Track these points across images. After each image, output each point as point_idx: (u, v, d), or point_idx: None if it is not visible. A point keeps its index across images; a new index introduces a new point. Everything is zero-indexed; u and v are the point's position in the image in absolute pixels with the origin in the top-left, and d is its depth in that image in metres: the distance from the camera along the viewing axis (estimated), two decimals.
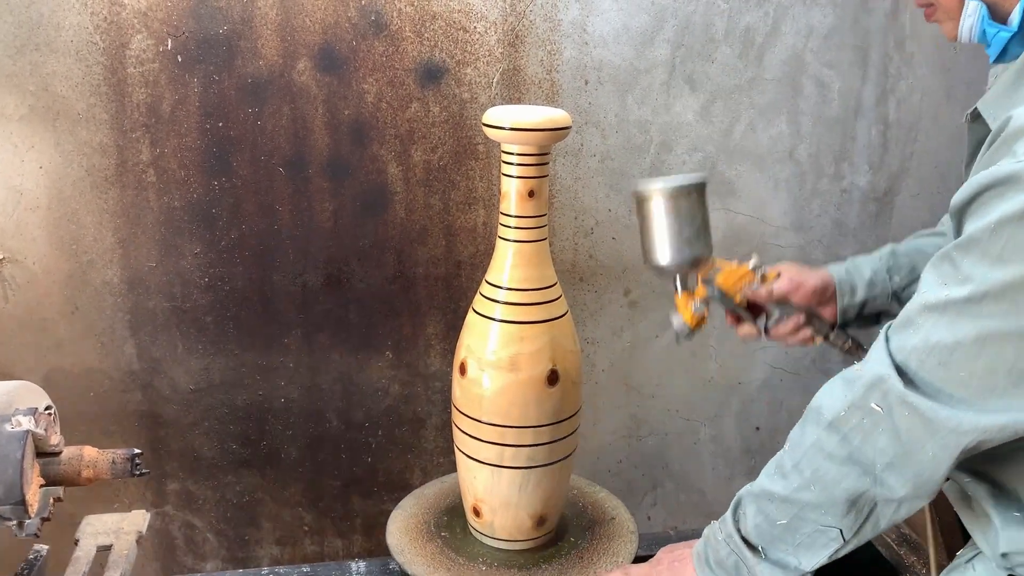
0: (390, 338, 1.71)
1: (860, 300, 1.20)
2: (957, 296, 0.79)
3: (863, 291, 1.20)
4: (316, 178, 1.59)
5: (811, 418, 0.92)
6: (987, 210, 0.77)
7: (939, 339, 0.80)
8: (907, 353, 0.83)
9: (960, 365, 0.79)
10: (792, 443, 0.94)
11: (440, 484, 1.41)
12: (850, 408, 0.87)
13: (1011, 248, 0.75)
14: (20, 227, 1.53)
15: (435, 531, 1.27)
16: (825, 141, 1.79)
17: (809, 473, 0.90)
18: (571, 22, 1.61)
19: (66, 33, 1.45)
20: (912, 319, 0.83)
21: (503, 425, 1.15)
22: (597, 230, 1.75)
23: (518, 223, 1.14)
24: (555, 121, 1.10)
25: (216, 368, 1.66)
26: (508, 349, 1.14)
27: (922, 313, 0.82)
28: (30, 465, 0.95)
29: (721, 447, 1.97)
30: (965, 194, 0.79)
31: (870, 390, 0.85)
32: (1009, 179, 0.75)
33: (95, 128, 1.50)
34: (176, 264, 1.59)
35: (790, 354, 1.94)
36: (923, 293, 0.83)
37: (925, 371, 0.82)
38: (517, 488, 1.18)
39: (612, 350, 1.84)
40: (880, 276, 1.20)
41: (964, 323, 0.79)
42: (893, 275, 1.20)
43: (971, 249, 0.78)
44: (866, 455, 0.86)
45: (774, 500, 0.93)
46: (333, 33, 1.53)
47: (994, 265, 0.76)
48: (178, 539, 1.76)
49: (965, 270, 0.79)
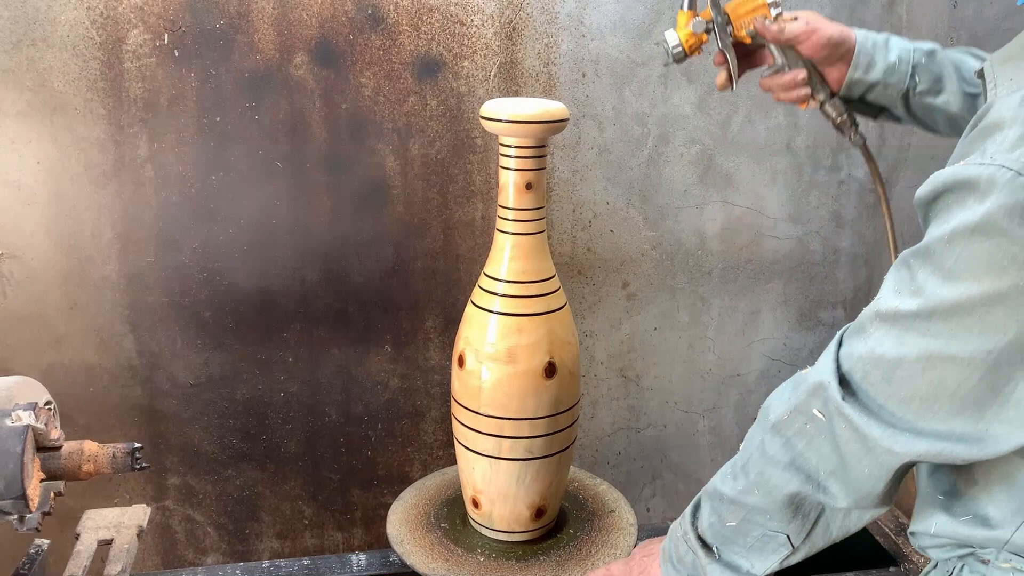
0: (389, 332, 1.72)
1: (872, 80, 1.09)
2: (907, 309, 0.74)
3: (880, 72, 1.09)
4: (314, 172, 1.59)
5: (760, 418, 0.89)
6: (947, 215, 0.71)
7: (885, 352, 0.76)
8: (853, 362, 0.79)
9: (903, 383, 0.75)
10: (744, 443, 0.92)
11: (441, 476, 1.41)
12: (793, 412, 0.84)
13: (962, 264, 0.69)
14: (18, 223, 1.53)
15: (435, 522, 1.28)
16: (822, 133, 1.79)
17: (754, 476, 0.88)
18: (568, 15, 1.61)
19: (63, 28, 1.45)
20: (864, 326, 0.79)
21: (501, 417, 1.16)
22: (595, 223, 1.75)
23: (516, 216, 1.14)
24: (552, 113, 1.10)
25: (215, 363, 1.67)
26: (506, 341, 1.14)
27: (873, 321, 0.78)
28: (31, 460, 0.95)
29: (719, 438, 1.98)
30: (928, 190, 0.74)
31: (812, 395, 0.82)
32: (971, 184, 0.69)
33: (92, 123, 1.50)
34: (175, 259, 1.59)
35: (788, 345, 1.94)
36: (879, 299, 0.78)
37: (868, 384, 0.78)
38: (515, 480, 1.19)
39: (610, 342, 1.85)
40: (904, 67, 1.08)
41: (910, 339, 0.74)
42: (917, 74, 1.08)
43: (926, 259, 0.73)
44: (809, 461, 0.83)
45: (724, 501, 0.92)
46: (330, 27, 1.53)
47: (945, 281, 0.71)
48: (178, 533, 1.77)
49: (919, 281, 0.73)
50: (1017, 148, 0.67)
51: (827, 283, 1.91)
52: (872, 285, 1.94)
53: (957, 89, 1.08)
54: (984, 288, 0.69)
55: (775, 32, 1.09)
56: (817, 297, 1.92)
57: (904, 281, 0.75)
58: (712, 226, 1.81)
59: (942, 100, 1.09)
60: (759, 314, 1.90)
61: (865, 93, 1.11)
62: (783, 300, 1.91)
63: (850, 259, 1.90)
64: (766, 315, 1.91)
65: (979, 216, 0.67)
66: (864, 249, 1.90)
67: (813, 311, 1.93)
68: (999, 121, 0.70)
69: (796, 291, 1.90)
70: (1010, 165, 0.66)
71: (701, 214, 1.79)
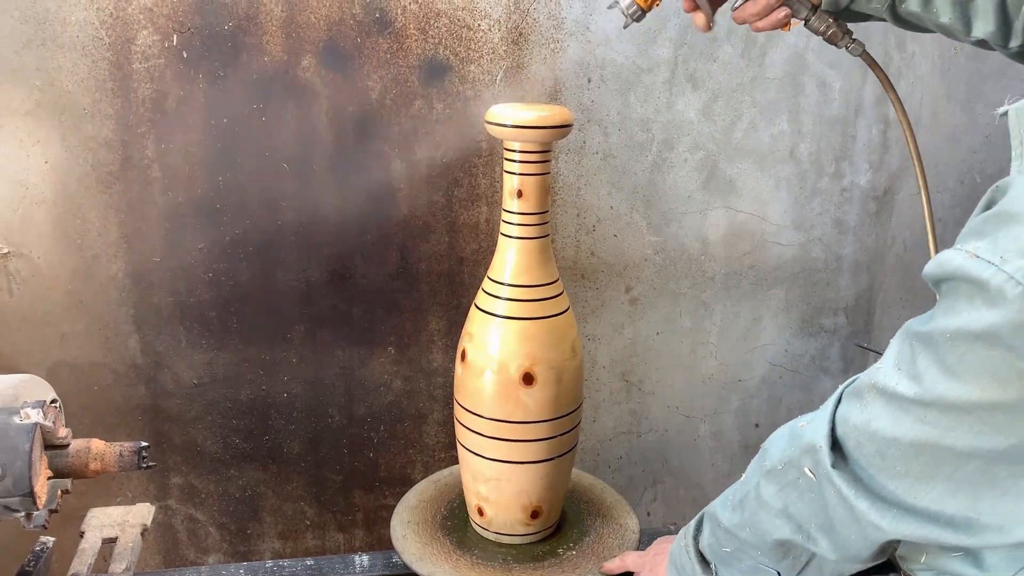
0: (392, 334, 1.72)
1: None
2: (905, 392, 0.71)
3: None
4: (320, 174, 1.60)
5: (759, 458, 0.89)
6: (954, 304, 0.68)
7: (880, 428, 0.74)
8: (848, 428, 0.77)
9: (896, 460, 0.73)
10: (745, 475, 0.91)
11: (447, 475, 1.42)
12: (787, 464, 0.83)
13: (964, 366, 0.67)
14: (25, 221, 1.53)
15: (437, 523, 1.29)
16: (826, 140, 1.80)
17: (748, 514, 0.88)
18: (574, 20, 1.62)
19: (72, 28, 1.46)
20: (862, 392, 0.76)
21: (502, 420, 1.16)
22: (599, 227, 1.76)
23: (520, 220, 1.15)
24: (557, 119, 1.10)
25: (219, 363, 1.67)
26: (508, 345, 1.15)
27: (871, 391, 0.75)
28: (38, 457, 0.96)
29: (721, 443, 1.98)
30: (937, 272, 0.70)
31: (805, 454, 0.80)
32: (980, 285, 0.65)
33: (100, 123, 1.51)
34: (180, 259, 1.60)
35: (789, 351, 1.95)
36: (879, 368, 0.75)
37: (861, 455, 0.76)
38: (516, 483, 1.19)
39: (613, 347, 1.85)
40: None
41: (906, 422, 0.71)
42: None
43: (928, 346, 0.70)
44: (800, 512, 0.83)
45: (721, 528, 0.92)
46: (338, 30, 1.54)
47: (945, 376, 0.68)
48: (180, 532, 1.77)
49: (919, 366, 0.70)
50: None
51: (829, 290, 1.92)
52: (873, 292, 1.95)
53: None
54: (986, 395, 0.66)
55: None
56: (819, 304, 1.92)
57: (905, 359, 0.72)
58: (715, 232, 1.82)
59: (932, 11, 1.04)
60: (761, 320, 1.91)
61: (849, 5, 1.06)
62: (785, 306, 1.91)
63: (852, 266, 1.91)
64: (768, 321, 1.92)
65: (985, 325, 0.65)
66: (866, 256, 1.91)
67: (815, 318, 1.94)
68: (1016, 213, 0.65)
69: (798, 297, 1.91)
70: (1020, 279, 0.63)
71: (704, 220, 1.80)
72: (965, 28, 1.03)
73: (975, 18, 1.02)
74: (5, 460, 0.92)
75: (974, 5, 1.01)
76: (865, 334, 1.99)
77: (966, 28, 1.03)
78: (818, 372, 1.99)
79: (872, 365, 0.78)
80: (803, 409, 2.01)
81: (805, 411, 1.85)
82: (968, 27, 1.03)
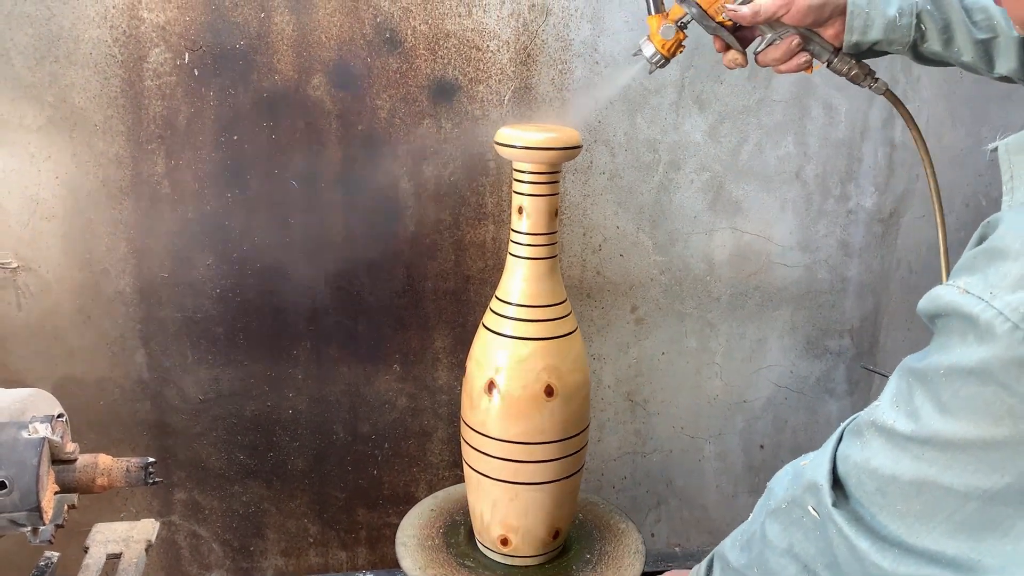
0: (398, 351, 1.73)
1: (873, 39, 1.04)
2: (902, 430, 0.71)
3: (879, 31, 1.03)
4: (328, 192, 1.61)
5: (764, 497, 0.89)
6: (947, 340, 0.68)
7: (879, 465, 0.73)
8: (849, 467, 0.77)
9: (897, 498, 0.72)
10: (752, 515, 0.91)
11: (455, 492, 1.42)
12: (791, 503, 0.83)
13: (958, 403, 0.66)
14: (35, 236, 1.54)
15: (443, 539, 1.29)
16: (832, 162, 1.81)
17: (755, 554, 0.88)
18: (583, 42, 1.63)
19: (85, 45, 1.47)
20: (862, 431, 0.76)
21: (508, 440, 1.16)
22: (605, 247, 1.76)
23: (529, 240, 1.15)
24: (566, 140, 1.11)
25: (225, 379, 1.68)
26: (516, 365, 1.15)
27: (871, 428, 0.75)
28: (46, 472, 0.96)
29: (725, 464, 1.98)
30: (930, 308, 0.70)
31: (807, 492, 0.80)
32: (971, 320, 0.65)
33: (111, 139, 1.52)
34: (188, 275, 1.61)
35: (795, 373, 1.95)
36: (878, 406, 0.75)
37: (862, 493, 0.75)
38: (520, 503, 1.19)
39: (618, 366, 1.85)
40: (906, 20, 1.02)
41: (905, 460, 0.71)
42: (923, 23, 1.02)
43: (923, 383, 0.70)
44: (806, 552, 0.82)
45: (730, 568, 0.92)
46: (348, 49, 1.55)
47: (940, 414, 0.68)
48: (183, 548, 1.77)
49: (915, 403, 0.70)
50: (1018, 290, 0.63)
51: (834, 311, 1.92)
52: (879, 314, 1.95)
53: (968, 38, 1.03)
54: (981, 432, 0.65)
55: (749, 16, 1.03)
56: (824, 325, 1.92)
57: (903, 396, 0.72)
58: (721, 252, 1.82)
59: (953, 51, 1.04)
60: (766, 341, 1.91)
61: (870, 48, 1.06)
62: (791, 328, 1.91)
63: (857, 288, 1.91)
64: (773, 342, 1.92)
65: (976, 361, 0.65)
66: (871, 278, 1.91)
67: (820, 339, 1.94)
68: (1005, 249, 0.65)
69: (804, 319, 1.91)
70: (1009, 314, 0.63)
71: (710, 240, 1.81)
72: (988, 66, 1.05)
73: (998, 56, 1.04)
74: (13, 474, 0.93)
75: (996, 43, 1.02)
76: (870, 356, 1.99)
77: (988, 66, 1.05)
78: (823, 394, 1.99)
79: (872, 403, 0.77)
80: (808, 430, 2.02)
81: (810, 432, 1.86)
82: (991, 65, 1.04)
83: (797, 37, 1.05)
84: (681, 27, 1.06)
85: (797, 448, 1.97)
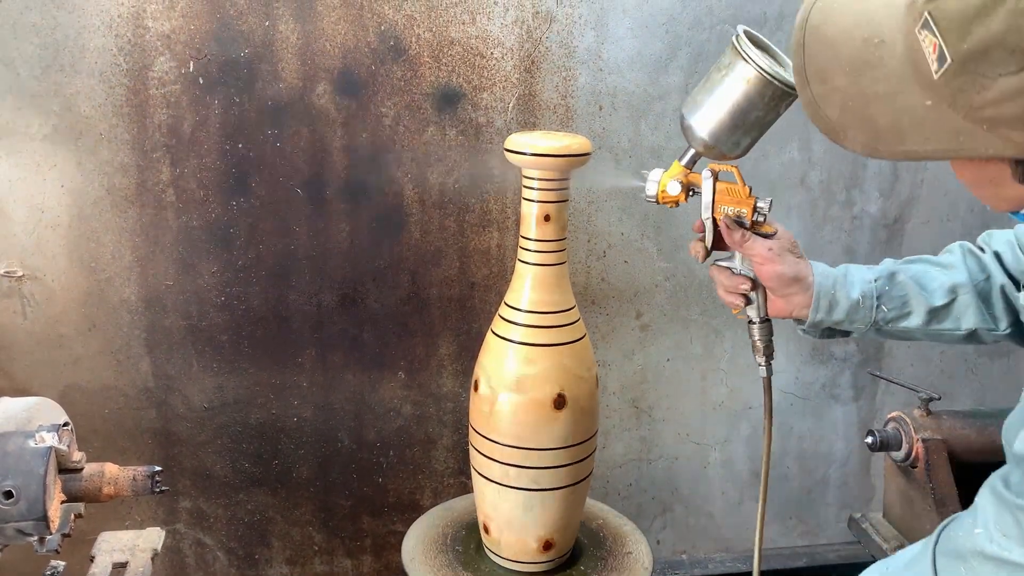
0: (403, 358, 1.72)
1: (836, 319, 1.11)
2: (1017, 560, 0.73)
3: (843, 312, 1.11)
4: (333, 199, 1.61)
5: None
6: None
7: None
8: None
9: None
10: None
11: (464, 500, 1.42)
12: None
13: None
14: (41, 244, 1.54)
15: (449, 544, 1.29)
16: (836, 168, 1.81)
17: None
18: (586, 49, 1.63)
19: (90, 55, 1.47)
20: (966, 558, 0.78)
21: (512, 445, 1.16)
22: (610, 253, 1.76)
23: (538, 247, 1.15)
24: (576, 148, 1.12)
25: (230, 387, 1.67)
26: (523, 371, 1.15)
27: (977, 557, 0.77)
28: (53, 481, 0.96)
29: (731, 471, 1.97)
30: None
31: None
32: None
33: (116, 148, 1.52)
34: (193, 283, 1.61)
35: (800, 379, 1.94)
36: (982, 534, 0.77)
37: None
38: (522, 509, 1.19)
39: (623, 373, 1.85)
40: (868, 302, 1.11)
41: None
42: (883, 304, 1.11)
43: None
44: None
45: None
46: (352, 58, 1.55)
47: None
48: (189, 557, 1.76)
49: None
50: None
51: None
52: None
53: (924, 308, 1.11)
54: None
55: (737, 240, 1.08)
56: None
57: (1010, 526, 0.75)
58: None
59: (911, 322, 1.12)
60: None
61: (831, 327, 1.13)
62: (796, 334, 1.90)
63: None
64: (779, 348, 1.89)
65: None
66: None
67: (825, 345, 1.93)
68: None
69: None
70: None
71: None
72: (954, 325, 1.12)
73: (961, 316, 1.12)
74: (20, 483, 0.92)
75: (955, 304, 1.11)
76: (875, 362, 1.98)
77: (955, 324, 1.12)
78: (829, 400, 1.98)
79: (957, 526, 0.80)
80: (813, 436, 2.01)
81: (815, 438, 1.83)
82: (957, 323, 1.12)
83: (749, 283, 1.11)
84: (687, 191, 1.10)
85: (803, 454, 1.96)
